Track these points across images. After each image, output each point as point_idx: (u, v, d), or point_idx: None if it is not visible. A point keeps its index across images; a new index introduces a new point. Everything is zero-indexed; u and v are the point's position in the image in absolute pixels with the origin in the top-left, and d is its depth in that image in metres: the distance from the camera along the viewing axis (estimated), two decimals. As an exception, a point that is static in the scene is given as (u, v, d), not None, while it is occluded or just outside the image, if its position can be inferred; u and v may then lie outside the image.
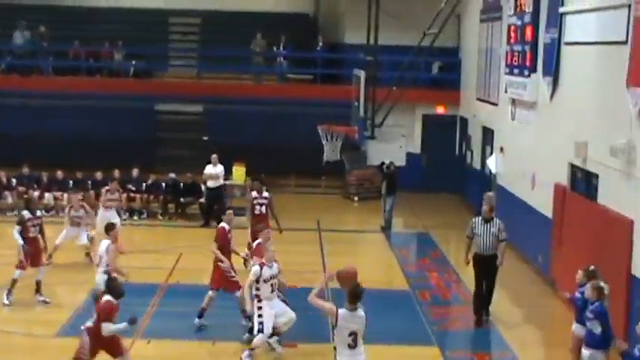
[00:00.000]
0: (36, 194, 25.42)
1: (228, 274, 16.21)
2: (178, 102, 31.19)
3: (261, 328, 14.45)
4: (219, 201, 25.19)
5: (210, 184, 25.19)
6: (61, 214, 25.40)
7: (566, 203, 18.77)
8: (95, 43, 32.37)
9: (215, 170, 25.15)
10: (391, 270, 21.20)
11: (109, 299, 12.73)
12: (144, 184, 26.18)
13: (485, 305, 17.27)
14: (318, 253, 22.24)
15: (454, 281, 20.28)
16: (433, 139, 31.54)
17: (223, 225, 17.00)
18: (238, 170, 26.15)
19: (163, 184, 26.26)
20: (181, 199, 26.17)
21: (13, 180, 26.27)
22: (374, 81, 27.75)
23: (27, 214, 17.46)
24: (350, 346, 10.81)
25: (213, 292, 16.21)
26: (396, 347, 15.49)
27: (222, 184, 25.43)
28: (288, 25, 33.61)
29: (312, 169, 29.44)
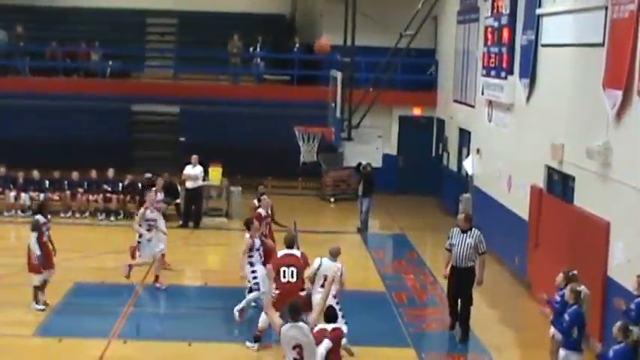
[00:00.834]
0: (12, 195, 25.39)
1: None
2: (155, 103, 31.07)
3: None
4: (198, 202, 25.18)
5: (189, 184, 25.11)
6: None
7: (543, 205, 18.85)
8: (72, 43, 32.22)
9: (194, 171, 25.09)
10: (367, 271, 21.18)
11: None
12: (120, 185, 26.08)
13: (461, 325, 16.39)
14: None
15: (430, 283, 20.29)
16: (410, 141, 31.57)
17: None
18: (215, 171, 26.10)
19: (140, 185, 26.16)
20: (158, 200, 26.06)
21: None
22: (351, 82, 27.78)
23: (41, 219, 17.11)
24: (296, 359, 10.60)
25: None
26: (372, 349, 15.43)
27: (201, 185, 25.36)
28: (265, 26, 33.58)
29: (288, 171, 29.42)
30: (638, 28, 14.27)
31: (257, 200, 19.77)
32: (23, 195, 25.50)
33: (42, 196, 25.38)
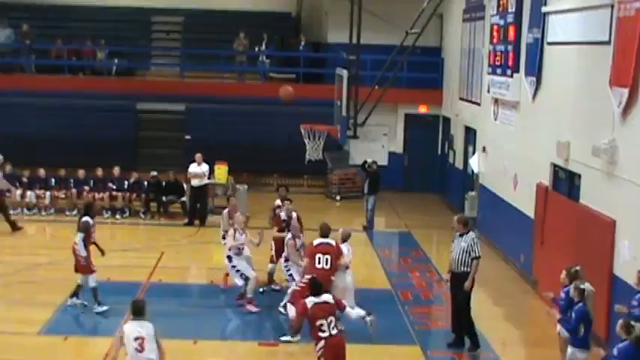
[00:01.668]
0: (18, 192, 25.41)
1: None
2: (161, 101, 31.07)
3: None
4: (203, 200, 25.18)
5: (195, 182, 25.12)
6: (43, 213, 25.37)
7: (549, 203, 18.81)
8: (78, 41, 32.26)
9: (200, 169, 25.08)
10: (373, 269, 21.17)
11: None
12: (126, 183, 26.08)
13: (466, 335, 15.85)
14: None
15: (436, 281, 20.29)
16: (415, 139, 31.58)
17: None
18: (220, 169, 26.10)
19: (145, 183, 26.18)
20: (163, 198, 26.08)
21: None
22: (356, 80, 27.73)
23: (91, 221, 16.98)
24: (137, 350, 11.64)
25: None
26: (377, 346, 15.45)
27: (206, 184, 25.35)
28: (270, 24, 33.61)
29: (294, 169, 29.42)
30: (644, 26, 14.26)
31: (280, 200, 19.59)
32: (29, 193, 25.53)
33: (47, 194, 25.46)
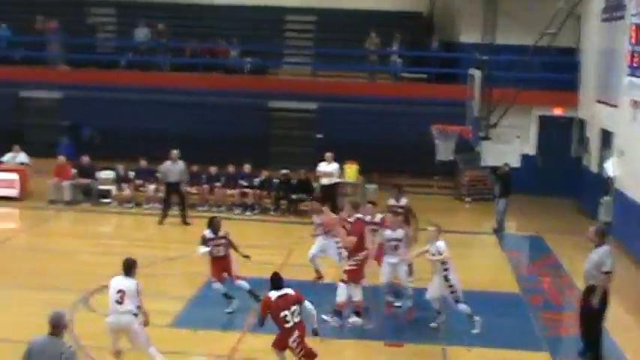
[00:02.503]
0: (152, 187, 25.98)
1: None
2: (292, 99, 31.35)
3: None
4: (333, 198, 25.25)
5: (325, 181, 25.23)
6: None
7: (687, 209, 18.22)
8: (211, 40, 32.81)
9: (329, 168, 25.17)
10: (502, 273, 20.86)
11: None
12: (255, 180, 26.37)
13: (588, 350, 15.18)
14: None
15: (567, 286, 19.84)
16: (549, 141, 31.02)
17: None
18: (350, 168, 26.14)
19: (275, 181, 26.42)
20: (293, 196, 26.27)
21: (131, 173, 26.78)
22: (489, 81, 27.40)
23: (208, 234, 16.98)
24: (117, 302, 13.08)
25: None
26: (504, 351, 15.29)
27: (336, 182, 25.41)
28: (402, 23, 33.47)
29: (424, 169, 29.27)
30: None
31: (394, 200, 19.57)
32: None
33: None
